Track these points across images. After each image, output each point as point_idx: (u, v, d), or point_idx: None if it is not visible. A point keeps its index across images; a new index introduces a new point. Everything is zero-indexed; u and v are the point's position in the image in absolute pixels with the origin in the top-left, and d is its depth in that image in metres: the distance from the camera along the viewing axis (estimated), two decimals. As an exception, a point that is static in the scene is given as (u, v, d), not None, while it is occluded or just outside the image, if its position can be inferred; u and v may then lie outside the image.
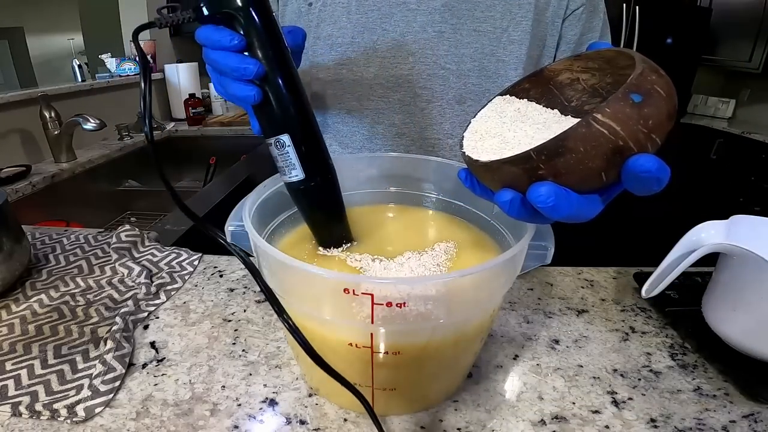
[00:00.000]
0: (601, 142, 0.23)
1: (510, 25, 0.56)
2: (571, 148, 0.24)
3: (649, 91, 0.24)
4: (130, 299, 0.50)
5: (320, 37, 0.59)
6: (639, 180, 0.24)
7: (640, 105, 0.23)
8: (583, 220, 0.27)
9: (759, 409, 0.37)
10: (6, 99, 1.18)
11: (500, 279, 0.32)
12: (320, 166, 0.34)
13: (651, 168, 0.23)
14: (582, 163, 0.24)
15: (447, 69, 0.58)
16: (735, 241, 0.39)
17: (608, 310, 0.50)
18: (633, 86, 0.24)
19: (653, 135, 0.24)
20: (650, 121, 0.24)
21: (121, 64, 1.76)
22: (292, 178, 0.33)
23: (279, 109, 0.32)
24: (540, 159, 0.25)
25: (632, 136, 0.23)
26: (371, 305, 0.27)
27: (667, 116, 0.25)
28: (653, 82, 0.24)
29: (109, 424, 0.35)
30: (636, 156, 0.24)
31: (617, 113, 0.23)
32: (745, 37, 2.26)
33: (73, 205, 1.20)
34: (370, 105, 0.61)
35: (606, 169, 0.24)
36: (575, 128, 0.24)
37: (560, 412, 0.37)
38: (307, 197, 0.35)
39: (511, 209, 0.27)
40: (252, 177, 1.22)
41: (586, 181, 0.25)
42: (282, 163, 0.33)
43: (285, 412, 0.37)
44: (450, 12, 0.56)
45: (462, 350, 0.35)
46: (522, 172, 0.26)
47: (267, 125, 0.33)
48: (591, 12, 0.59)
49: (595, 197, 0.27)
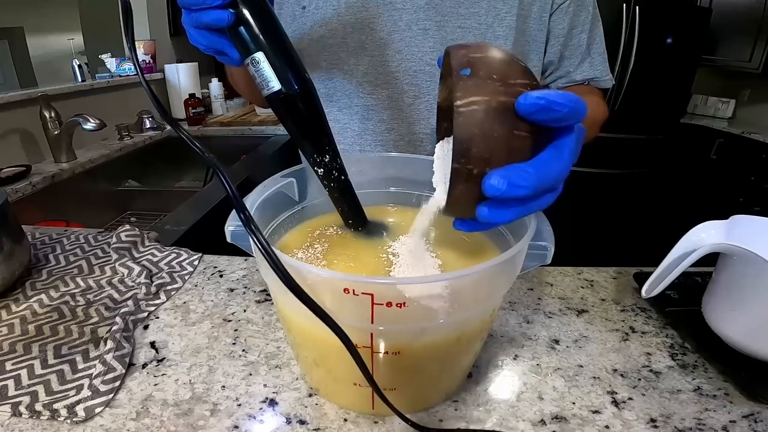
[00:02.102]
0: (480, 114, 0.25)
1: (495, 21, 0.57)
2: (468, 137, 0.25)
3: (470, 60, 0.27)
4: (130, 299, 0.50)
5: (313, 39, 0.61)
6: (537, 114, 0.25)
7: (473, 73, 0.26)
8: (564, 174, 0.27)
9: (759, 409, 0.37)
10: (6, 99, 1.18)
11: (500, 279, 0.32)
12: (295, 76, 0.36)
13: (530, 101, 0.25)
14: (490, 139, 0.25)
15: (433, 65, 0.59)
16: (735, 241, 0.39)
17: (608, 310, 0.50)
18: (456, 68, 0.26)
19: (510, 81, 0.26)
20: (493, 75, 0.26)
21: (121, 64, 1.76)
22: (271, 90, 0.35)
23: (249, 28, 0.35)
24: (462, 163, 0.26)
25: (494, 92, 0.25)
26: (371, 305, 0.27)
27: (503, 62, 0.27)
28: (465, 53, 0.27)
29: (109, 424, 0.35)
30: (516, 102, 0.25)
31: (467, 90, 0.26)
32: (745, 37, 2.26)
33: (73, 205, 1.20)
34: (360, 102, 0.63)
35: (512, 128, 0.26)
36: (456, 123, 0.25)
37: (560, 412, 0.37)
38: (286, 106, 0.37)
39: (497, 215, 0.27)
40: (252, 177, 1.22)
41: (514, 147, 0.26)
42: (260, 80, 0.36)
43: (285, 412, 0.37)
44: (434, 10, 0.57)
45: (462, 350, 0.35)
46: (466, 184, 0.27)
47: (241, 47, 0.36)
48: (579, 6, 0.59)
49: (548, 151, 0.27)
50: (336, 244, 0.41)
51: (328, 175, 0.38)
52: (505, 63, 0.27)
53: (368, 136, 0.64)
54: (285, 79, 0.35)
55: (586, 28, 0.61)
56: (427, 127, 0.62)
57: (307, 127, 0.38)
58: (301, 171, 0.44)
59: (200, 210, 0.94)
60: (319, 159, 0.38)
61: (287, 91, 0.35)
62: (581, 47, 0.61)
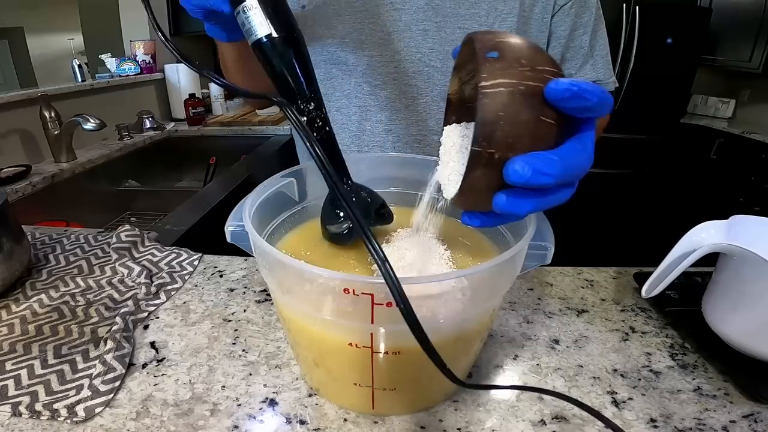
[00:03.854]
0: (507, 97, 0.24)
1: (495, 22, 0.57)
2: (493, 119, 0.25)
3: (496, 44, 0.26)
4: (130, 299, 0.50)
5: (313, 38, 0.60)
6: (567, 101, 0.24)
7: (501, 56, 0.25)
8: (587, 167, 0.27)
9: (759, 409, 0.37)
10: (6, 99, 1.18)
11: (500, 279, 0.32)
12: (286, 21, 0.37)
13: (562, 86, 0.24)
14: (516, 123, 0.25)
15: (432, 66, 0.59)
16: (735, 241, 0.39)
17: (608, 310, 0.50)
18: (482, 50, 0.26)
19: (539, 67, 0.25)
20: (522, 60, 0.25)
21: (121, 64, 1.76)
22: (262, 35, 0.35)
23: None
24: (484, 147, 0.25)
25: (522, 76, 0.25)
26: (371, 305, 0.27)
27: (530, 49, 0.26)
28: (494, 39, 0.27)
29: (109, 424, 0.35)
30: (547, 87, 0.24)
31: (493, 72, 0.25)
32: (745, 37, 2.26)
33: (73, 205, 1.20)
34: (358, 102, 0.63)
35: (538, 114, 0.25)
36: (480, 105, 0.25)
37: (560, 412, 0.37)
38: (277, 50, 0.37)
39: (515, 205, 0.26)
40: (252, 177, 1.22)
41: (539, 133, 0.25)
42: (248, 26, 0.36)
43: (285, 412, 0.37)
44: (434, 10, 0.57)
45: (462, 350, 0.35)
46: (485, 169, 0.26)
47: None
48: (581, 7, 0.59)
49: (571, 142, 0.26)
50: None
51: (311, 124, 0.38)
52: (532, 49, 0.26)
53: (366, 136, 0.64)
54: (277, 23, 0.35)
55: (589, 30, 0.60)
56: (425, 129, 0.62)
57: (296, 73, 0.38)
58: (301, 171, 0.44)
59: (200, 210, 0.94)
60: (303, 106, 0.38)
61: (279, 35, 0.35)
62: (583, 49, 0.61)
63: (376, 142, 0.64)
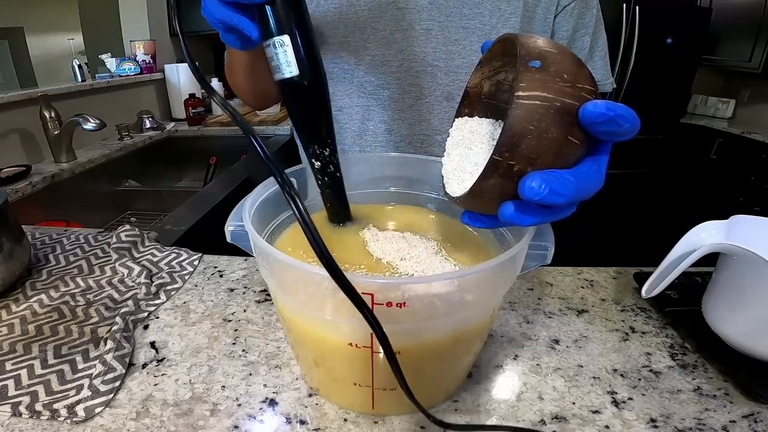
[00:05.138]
0: (541, 111, 0.24)
1: (499, 22, 0.57)
2: (521, 131, 0.24)
3: (541, 53, 0.25)
4: (130, 299, 0.50)
5: None
6: (600, 125, 0.24)
7: (543, 67, 0.25)
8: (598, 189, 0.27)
9: (759, 409, 0.37)
10: (6, 99, 1.18)
11: (500, 279, 0.32)
12: (316, 64, 0.37)
13: (600, 110, 0.24)
14: (543, 139, 0.24)
15: (435, 66, 0.59)
16: (735, 241, 0.39)
17: (608, 310, 0.50)
18: (525, 57, 0.25)
19: (579, 84, 0.25)
20: (564, 74, 0.25)
21: (121, 64, 1.76)
22: (290, 74, 0.35)
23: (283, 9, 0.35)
24: (505, 157, 0.25)
25: (560, 92, 0.24)
26: (371, 305, 0.27)
27: (574, 63, 0.26)
28: (538, 47, 0.26)
29: (109, 424, 0.35)
30: (582, 107, 0.24)
31: (533, 83, 0.24)
32: (745, 37, 2.26)
33: (73, 205, 1.20)
34: (361, 102, 0.62)
35: (566, 133, 0.25)
36: (512, 114, 0.24)
37: (560, 412, 0.37)
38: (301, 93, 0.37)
39: (520, 218, 0.26)
40: (252, 177, 1.22)
41: (562, 152, 0.25)
42: (277, 62, 0.35)
43: (285, 412, 0.37)
44: (438, 10, 0.57)
45: (462, 350, 0.35)
46: (500, 179, 0.26)
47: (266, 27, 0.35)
48: (583, 8, 0.59)
49: (587, 163, 0.26)
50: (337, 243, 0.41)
51: (324, 168, 0.38)
52: (576, 64, 0.26)
53: (368, 136, 0.64)
54: (305, 66, 0.35)
55: (590, 31, 0.60)
56: (428, 128, 0.62)
57: (316, 117, 0.38)
58: (301, 171, 0.44)
59: (200, 210, 0.94)
60: (320, 151, 0.38)
61: (305, 78, 0.35)
62: (584, 50, 0.61)
63: (378, 142, 0.64)
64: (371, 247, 0.38)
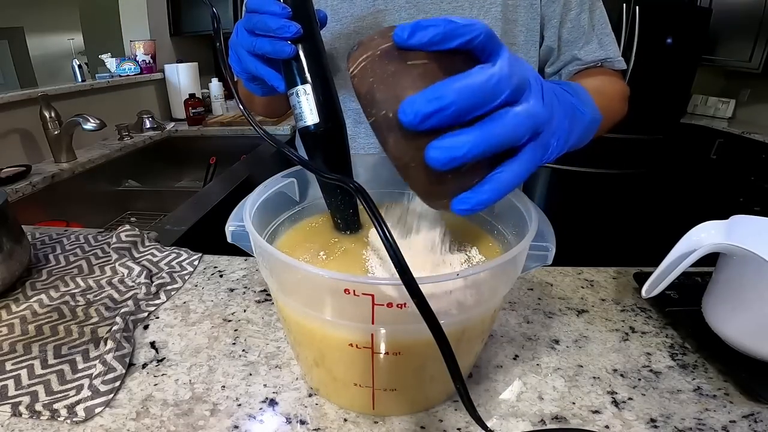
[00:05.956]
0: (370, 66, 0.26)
1: (479, 13, 0.57)
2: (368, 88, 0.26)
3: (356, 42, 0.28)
4: (130, 299, 0.50)
5: None
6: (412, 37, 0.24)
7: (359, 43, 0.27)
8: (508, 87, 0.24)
9: (759, 409, 0.37)
10: (6, 99, 1.18)
11: (501, 279, 0.32)
12: (335, 113, 0.38)
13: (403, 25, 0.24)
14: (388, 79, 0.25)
15: None
16: (735, 241, 0.39)
17: (608, 310, 0.50)
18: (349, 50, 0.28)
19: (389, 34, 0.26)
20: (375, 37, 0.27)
21: (121, 64, 1.76)
22: (311, 122, 0.37)
23: (307, 62, 0.37)
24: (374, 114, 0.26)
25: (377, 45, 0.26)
26: (372, 306, 0.27)
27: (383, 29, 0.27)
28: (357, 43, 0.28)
29: (109, 424, 0.35)
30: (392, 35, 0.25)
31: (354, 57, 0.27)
32: (745, 37, 2.26)
33: (73, 205, 1.20)
34: (352, 106, 0.63)
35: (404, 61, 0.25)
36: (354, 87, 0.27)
37: (560, 412, 0.37)
38: (320, 140, 0.38)
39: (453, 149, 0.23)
40: (252, 177, 1.22)
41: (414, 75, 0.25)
42: (299, 110, 0.37)
43: (285, 412, 0.37)
44: (416, 8, 0.57)
45: (462, 351, 0.35)
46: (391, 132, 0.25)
47: (290, 78, 0.37)
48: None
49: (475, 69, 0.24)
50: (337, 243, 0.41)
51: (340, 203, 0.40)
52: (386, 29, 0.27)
53: (360, 139, 0.65)
54: (325, 113, 0.37)
55: (585, 8, 0.58)
56: None
57: (337, 160, 0.39)
58: (301, 171, 0.44)
59: (200, 210, 0.94)
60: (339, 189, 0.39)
61: (326, 125, 0.37)
62: (583, 28, 0.59)
63: (370, 144, 0.65)
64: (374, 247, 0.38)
